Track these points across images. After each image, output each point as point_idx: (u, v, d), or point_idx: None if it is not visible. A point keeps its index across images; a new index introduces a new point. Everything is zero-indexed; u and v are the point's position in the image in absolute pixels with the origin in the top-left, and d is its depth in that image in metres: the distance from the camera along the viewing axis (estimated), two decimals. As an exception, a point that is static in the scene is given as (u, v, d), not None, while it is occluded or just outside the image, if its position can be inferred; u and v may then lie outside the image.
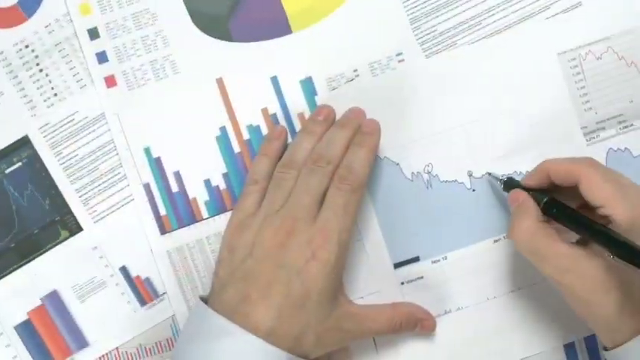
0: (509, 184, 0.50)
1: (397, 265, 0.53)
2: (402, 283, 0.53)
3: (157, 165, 0.53)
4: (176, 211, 0.53)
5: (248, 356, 0.46)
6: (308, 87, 0.53)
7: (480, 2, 0.53)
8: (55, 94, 0.53)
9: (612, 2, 0.53)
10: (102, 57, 0.53)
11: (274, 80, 0.53)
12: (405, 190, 0.53)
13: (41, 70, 0.53)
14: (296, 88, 0.53)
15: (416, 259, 0.53)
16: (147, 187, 0.53)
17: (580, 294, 0.45)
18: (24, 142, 0.53)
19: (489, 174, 0.52)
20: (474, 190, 0.53)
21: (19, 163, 0.53)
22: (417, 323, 0.52)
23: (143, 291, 0.53)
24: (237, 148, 0.53)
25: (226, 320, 0.46)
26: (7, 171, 0.53)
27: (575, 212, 0.46)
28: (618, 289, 0.44)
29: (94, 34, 0.53)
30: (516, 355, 0.53)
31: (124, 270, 0.53)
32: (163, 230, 0.53)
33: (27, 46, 0.53)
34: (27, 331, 0.53)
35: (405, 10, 0.53)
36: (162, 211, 0.53)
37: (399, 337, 0.53)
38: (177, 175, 0.53)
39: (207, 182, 0.53)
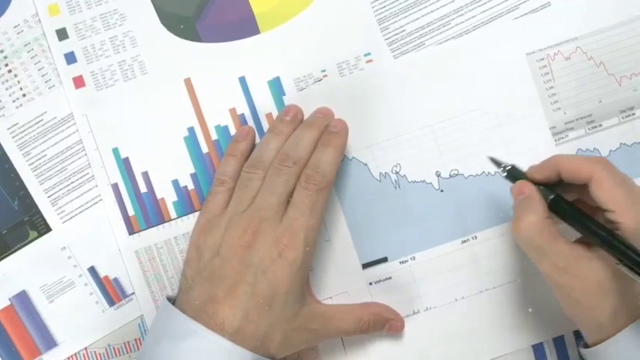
0: (513, 173, 0.48)
1: (365, 266, 0.53)
2: (371, 284, 0.54)
3: (125, 165, 0.53)
4: (144, 211, 0.53)
5: (213, 356, 0.47)
6: (276, 87, 0.53)
7: (448, 2, 0.53)
8: (24, 95, 0.54)
9: (581, 2, 0.53)
10: (70, 57, 0.54)
11: (242, 80, 0.53)
12: (373, 191, 0.53)
13: (10, 71, 0.54)
14: (264, 89, 0.53)
15: (384, 260, 0.53)
16: (115, 187, 0.54)
17: (576, 295, 0.45)
18: (-8, 143, 0.54)
19: (492, 158, 0.49)
20: (442, 191, 0.53)
21: (-12, 164, 0.54)
22: (385, 323, 0.53)
23: (112, 291, 0.54)
24: (205, 149, 0.53)
25: (192, 320, 0.47)
26: (-24, 171, 0.54)
27: (583, 213, 0.45)
28: (616, 295, 0.44)
29: (62, 34, 0.54)
30: (485, 355, 0.54)
31: (92, 270, 0.54)
32: (132, 230, 0.54)
33: (-4, 47, 0.54)
34: (-4, 331, 0.54)
35: (373, 10, 0.53)
36: (131, 212, 0.54)
37: (367, 338, 0.54)
38: (146, 176, 0.54)
39: (176, 183, 0.54)
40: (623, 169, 0.51)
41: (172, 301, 0.50)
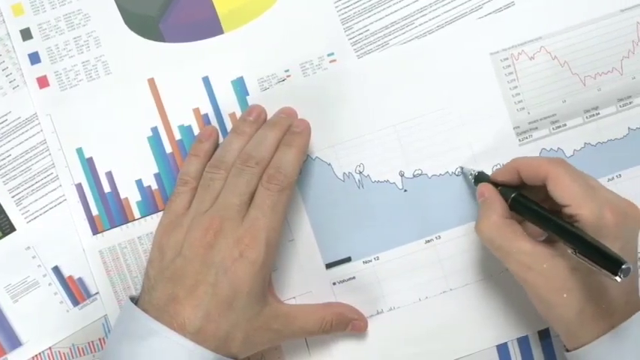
0: (480, 178, 0.51)
1: (329, 266, 0.54)
2: (334, 284, 0.54)
3: (89, 165, 0.54)
4: (108, 211, 0.54)
5: (175, 356, 0.47)
6: (239, 87, 0.54)
7: (412, 2, 0.54)
8: (-12, 95, 0.54)
9: (545, 2, 0.54)
10: (34, 58, 0.54)
11: (206, 80, 0.54)
12: (336, 191, 0.54)
13: (-26, 71, 0.54)
14: (227, 89, 0.54)
15: (347, 260, 0.54)
16: (79, 187, 0.54)
17: (541, 292, 0.46)
18: (-42, 143, 0.54)
19: (461, 168, 0.53)
20: (405, 191, 0.54)
21: (-47, 164, 0.54)
22: (348, 323, 0.53)
23: (76, 291, 0.55)
24: (168, 149, 0.54)
25: (153, 320, 0.48)
26: (-59, 171, 0.54)
27: (541, 208, 0.47)
28: (580, 291, 0.45)
29: (26, 34, 0.54)
30: (449, 355, 0.54)
31: (56, 270, 0.54)
32: (95, 230, 0.54)
33: (-40, 47, 0.54)
34: (-39, 330, 0.54)
35: (337, 10, 0.54)
36: (95, 212, 0.54)
37: (331, 338, 0.54)
38: (109, 176, 0.54)
39: (139, 182, 0.54)
40: (587, 168, 0.52)
41: (135, 301, 0.50)
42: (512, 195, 0.48)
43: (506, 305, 0.54)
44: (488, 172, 0.53)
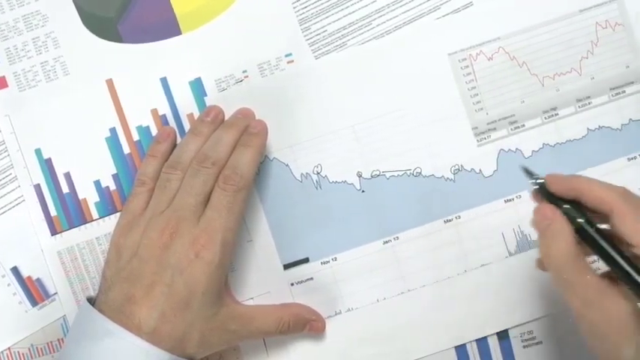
0: (542, 189, 0.45)
1: (287, 266, 0.55)
2: (292, 284, 0.55)
3: (47, 166, 0.55)
4: (66, 211, 0.55)
5: (130, 357, 0.48)
6: (197, 88, 0.55)
7: (370, 3, 0.55)
8: (-53, 96, 0.55)
9: (503, 2, 0.55)
10: (-7, 59, 0.55)
11: (164, 81, 0.55)
12: (294, 191, 0.55)
13: None
14: (185, 89, 0.55)
15: (305, 260, 0.55)
16: (37, 188, 0.55)
17: (600, 330, 0.43)
18: None
19: (524, 168, 0.47)
20: (363, 191, 0.55)
21: None
22: (305, 324, 0.54)
23: (34, 291, 0.56)
24: (126, 149, 0.55)
25: (109, 320, 0.48)
26: None
27: (611, 244, 0.43)
28: None
29: (-15, 35, 0.55)
30: (407, 356, 0.55)
31: (15, 270, 0.55)
32: (54, 231, 0.55)
33: None
34: None
35: (295, 11, 0.55)
36: (53, 212, 0.55)
37: (289, 338, 0.55)
38: (68, 176, 0.55)
39: (97, 183, 0.55)
40: (546, 169, 0.52)
41: (93, 301, 0.51)
42: (579, 220, 0.43)
43: (465, 306, 0.55)
44: (447, 172, 0.54)
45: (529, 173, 0.46)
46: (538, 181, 0.45)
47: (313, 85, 0.55)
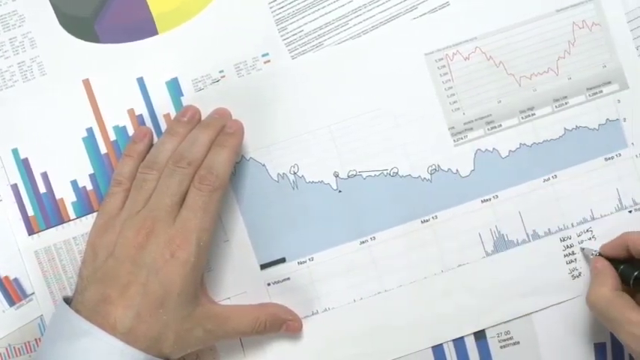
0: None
1: (264, 266, 0.55)
2: (269, 284, 0.56)
3: (24, 166, 0.56)
4: (44, 211, 0.56)
5: (106, 356, 0.49)
6: (174, 88, 0.55)
7: (346, 3, 0.55)
8: None
9: (480, 2, 0.55)
10: (-30, 59, 0.56)
11: (140, 81, 0.55)
12: (271, 191, 0.55)
13: None
14: (162, 89, 0.55)
15: (282, 260, 0.55)
16: (14, 187, 0.56)
17: None
18: None
19: (582, 249, 0.55)
20: (340, 191, 0.55)
21: None
22: (282, 324, 0.55)
23: (12, 291, 0.56)
24: (103, 149, 0.56)
25: (85, 320, 0.49)
26: None
27: None
28: None
29: (-39, 36, 0.56)
30: (385, 356, 0.55)
31: (-8, 270, 0.56)
32: (31, 231, 0.56)
33: None
34: None
35: (271, 11, 0.55)
36: (30, 212, 0.56)
37: (265, 338, 0.56)
38: (45, 176, 0.56)
39: (74, 183, 0.56)
40: (523, 169, 0.53)
41: (69, 301, 0.52)
42: (636, 273, 0.51)
43: (442, 307, 0.55)
44: (424, 172, 0.55)
45: (584, 253, 0.55)
46: (594, 253, 0.54)
47: (290, 85, 0.55)
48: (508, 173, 0.55)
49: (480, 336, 0.55)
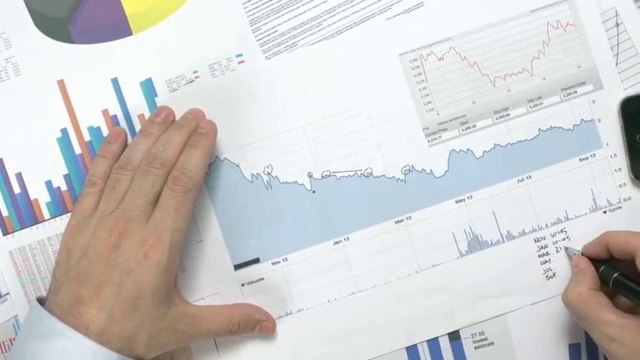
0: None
1: (237, 267, 0.56)
2: (243, 285, 0.56)
3: (-1, 166, 0.56)
4: (18, 212, 0.56)
5: (78, 357, 0.49)
6: (148, 88, 0.56)
7: (320, 3, 0.55)
8: None
9: (454, 3, 0.55)
10: (-55, 59, 0.56)
11: (115, 82, 0.56)
12: (245, 192, 0.56)
13: None
14: (136, 90, 0.56)
15: (256, 261, 0.56)
16: (-11, 188, 0.56)
17: None
18: None
19: (566, 248, 0.55)
20: (314, 192, 0.55)
21: None
22: (255, 324, 0.55)
23: (-14, 291, 0.57)
24: (78, 150, 0.56)
25: (58, 321, 0.49)
26: None
27: (634, 283, 0.50)
28: None
29: (-63, 36, 0.56)
30: (359, 357, 0.56)
31: (-33, 270, 0.56)
32: (6, 231, 0.56)
33: None
34: None
35: (245, 11, 0.56)
36: (5, 212, 0.56)
37: (240, 339, 0.56)
38: (19, 177, 0.56)
39: (49, 183, 0.56)
40: (497, 170, 0.54)
41: (43, 301, 0.52)
42: (615, 275, 0.51)
43: (415, 307, 0.56)
44: (398, 173, 0.55)
45: (568, 253, 0.55)
46: (576, 253, 0.54)
47: (264, 86, 0.55)
48: (482, 174, 0.55)
49: (454, 337, 0.56)
